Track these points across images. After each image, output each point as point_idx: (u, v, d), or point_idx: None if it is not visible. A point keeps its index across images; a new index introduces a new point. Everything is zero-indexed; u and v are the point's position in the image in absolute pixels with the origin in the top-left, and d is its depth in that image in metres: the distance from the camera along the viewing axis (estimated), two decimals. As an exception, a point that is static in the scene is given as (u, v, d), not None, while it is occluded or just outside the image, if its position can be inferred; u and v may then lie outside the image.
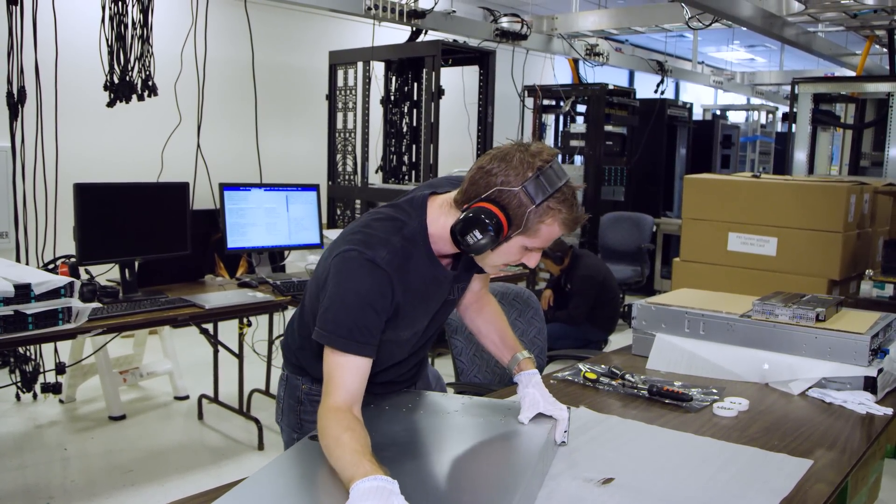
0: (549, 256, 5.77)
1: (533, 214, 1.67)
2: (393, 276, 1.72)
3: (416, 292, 1.81)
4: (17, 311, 2.80)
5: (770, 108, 12.98)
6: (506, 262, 1.79)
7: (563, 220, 1.70)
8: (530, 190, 1.66)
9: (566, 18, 7.97)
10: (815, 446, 1.99)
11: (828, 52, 8.27)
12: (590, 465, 1.78)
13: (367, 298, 1.70)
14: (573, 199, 1.71)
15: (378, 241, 1.74)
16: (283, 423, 2.12)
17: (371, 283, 1.71)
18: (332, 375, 1.67)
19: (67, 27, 4.49)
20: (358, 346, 1.68)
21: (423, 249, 1.80)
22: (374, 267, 1.71)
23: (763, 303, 2.65)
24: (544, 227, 1.70)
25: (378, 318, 1.72)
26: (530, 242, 1.72)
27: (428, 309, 1.90)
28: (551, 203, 1.68)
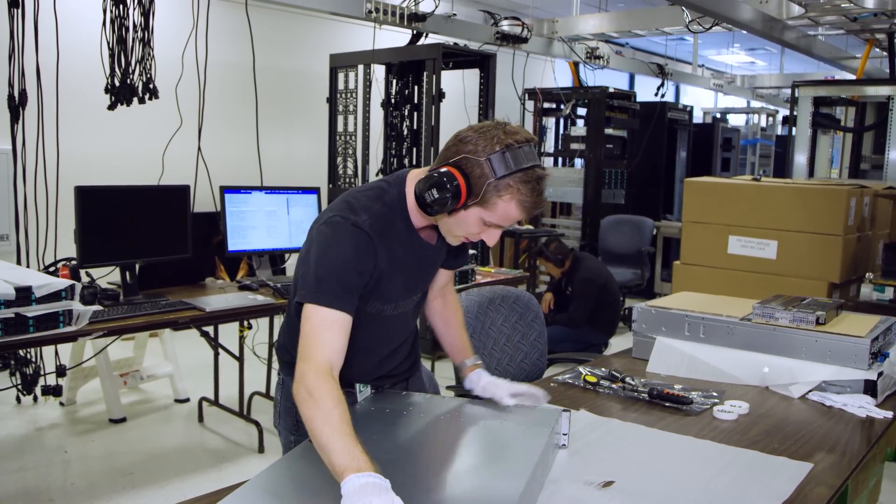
0: (551, 259, 5.78)
1: (492, 187, 1.71)
2: (375, 238, 1.77)
3: (397, 260, 1.85)
4: (18, 313, 2.80)
5: (770, 112, 12.99)
6: (465, 234, 1.82)
7: (520, 200, 1.73)
8: (494, 162, 1.71)
9: (566, 22, 7.98)
10: (815, 449, 1.99)
11: (828, 56, 8.28)
12: (590, 469, 1.78)
13: (349, 258, 1.74)
14: (536, 183, 1.73)
15: (360, 207, 1.80)
16: (281, 426, 2.13)
17: (353, 243, 1.75)
18: (314, 333, 1.68)
19: (68, 30, 4.49)
20: (339, 301, 1.70)
21: (400, 216, 1.86)
22: (357, 230, 1.75)
23: (763, 306, 2.65)
24: (501, 203, 1.73)
25: (359, 279, 1.76)
26: (488, 216, 1.75)
27: (408, 281, 1.94)
28: (511, 180, 1.71)
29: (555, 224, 8.44)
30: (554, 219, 8.57)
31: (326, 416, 1.51)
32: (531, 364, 3.06)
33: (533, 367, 3.06)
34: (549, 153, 8.56)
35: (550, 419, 1.85)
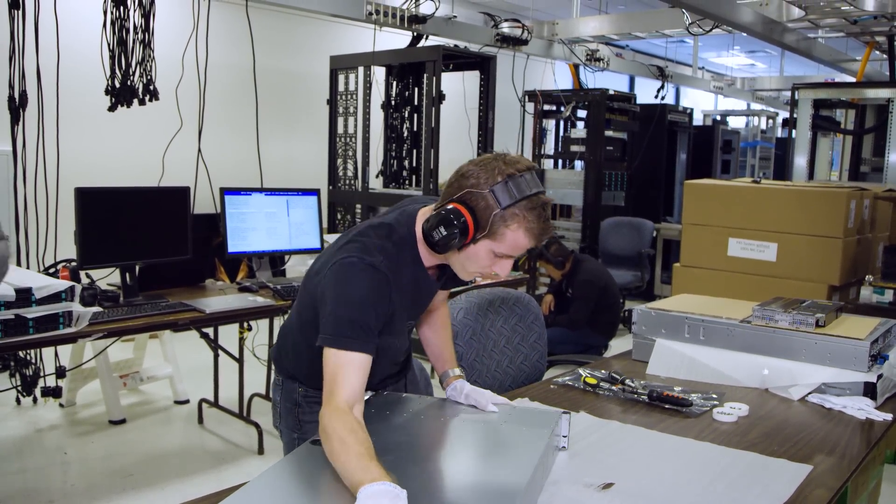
0: (551, 261, 5.78)
1: (498, 218, 1.73)
2: (392, 280, 1.80)
3: (406, 294, 1.89)
4: (18, 314, 2.81)
5: (770, 114, 12.99)
6: (478, 269, 1.84)
7: (528, 227, 1.75)
8: (497, 193, 1.73)
9: (567, 24, 7.98)
10: (814, 452, 1.99)
11: (828, 58, 8.29)
12: (590, 471, 1.78)
13: (369, 299, 1.76)
14: (542, 210, 1.76)
15: (374, 247, 1.81)
16: (282, 426, 2.15)
17: (371, 285, 1.77)
18: (335, 375, 1.70)
19: (69, 31, 4.49)
20: (361, 343, 1.72)
21: (409, 254, 1.89)
22: (375, 271, 1.77)
23: (763, 308, 2.65)
24: (510, 233, 1.75)
25: (378, 319, 1.77)
26: (497, 248, 1.77)
27: (416, 310, 2.03)
28: (517, 209, 1.73)
29: (555, 226, 8.44)
30: (554, 221, 8.56)
31: (343, 445, 1.54)
32: (531, 366, 3.06)
33: (533, 369, 3.06)
34: (550, 155, 8.56)
35: (550, 421, 1.85)
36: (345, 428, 1.57)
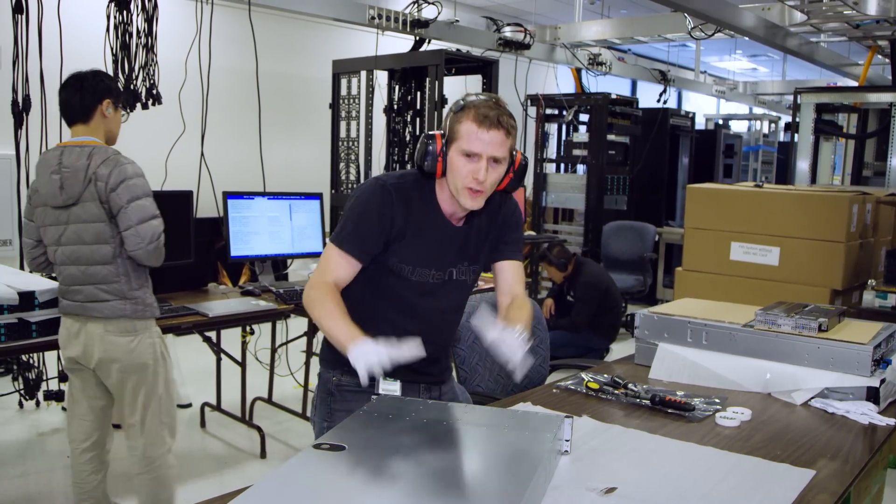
0: (554, 263, 5.79)
1: (454, 121, 2.04)
2: (395, 197, 2.09)
3: (419, 226, 2.12)
4: (22, 318, 2.82)
5: (772, 118, 12.99)
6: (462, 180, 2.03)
7: (472, 114, 2.00)
8: (454, 107, 2.08)
9: (569, 28, 8.00)
10: (817, 456, 1.99)
11: (830, 63, 8.29)
12: (592, 475, 1.78)
13: (367, 212, 2.10)
14: (491, 104, 2.02)
15: (393, 175, 2.18)
16: (316, 416, 2.30)
17: (374, 199, 2.10)
18: (326, 262, 2.13)
19: (72, 36, 4.50)
20: (350, 245, 2.10)
21: (427, 195, 2.14)
22: (382, 188, 2.11)
23: (765, 313, 2.65)
24: (462, 127, 2.02)
25: (374, 230, 2.09)
26: (459, 145, 2.02)
27: (429, 251, 2.15)
28: (466, 107, 2.03)
29: (557, 230, 8.44)
30: (556, 225, 8.58)
31: (327, 311, 2.02)
32: (533, 370, 3.05)
33: (535, 373, 3.06)
34: (552, 159, 8.57)
35: (553, 425, 1.85)
36: (329, 296, 2.04)
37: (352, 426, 1.82)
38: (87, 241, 2.80)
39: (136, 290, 2.87)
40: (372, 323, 2.10)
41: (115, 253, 2.80)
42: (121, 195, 2.75)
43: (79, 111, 2.88)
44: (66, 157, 2.82)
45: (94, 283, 2.81)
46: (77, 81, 2.92)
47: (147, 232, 2.77)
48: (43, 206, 2.86)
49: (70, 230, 2.81)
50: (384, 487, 1.52)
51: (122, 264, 2.82)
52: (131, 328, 2.87)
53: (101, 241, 2.79)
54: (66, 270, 2.84)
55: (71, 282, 2.83)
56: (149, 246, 2.79)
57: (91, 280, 2.81)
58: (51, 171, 2.82)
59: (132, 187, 2.77)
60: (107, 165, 2.77)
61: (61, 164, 2.81)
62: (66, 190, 2.78)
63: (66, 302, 2.87)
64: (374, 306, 2.18)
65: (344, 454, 1.64)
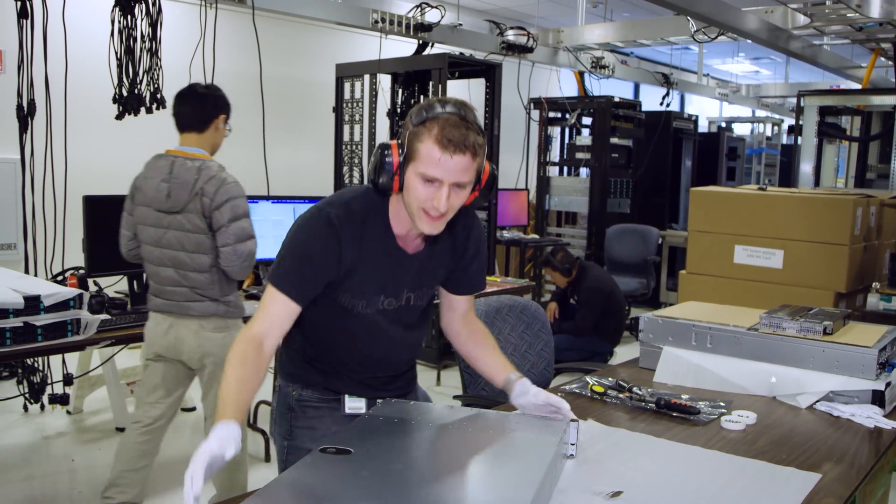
0: (558, 269, 5.78)
1: (413, 137, 1.79)
2: (343, 232, 1.87)
3: (371, 259, 1.92)
4: (27, 322, 2.82)
5: (775, 121, 12.98)
6: (419, 204, 1.81)
7: (435, 136, 1.75)
8: (413, 117, 1.81)
9: (572, 31, 8.00)
10: (823, 460, 1.99)
11: (833, 65, 8.28)
12: (598, 479, 1.79)
13: (309, 249, 1.87)
14: (456, 121, 1.76)
15: (337, 203, 1.92)
16: (276, 432, 2.16)
17: (316, 234, 1.88)
18: (261, 306, 1.87)
19: (77, 40, 4.52)
20: (289, 285, 1.86)
21: (379, 218, 1.93)
22: (327, 222, 1.87)
23: (770, 316, 2.65)
24: (422, 147, 1.78)
25: (314, 271, 1.88)
26: (417, 168, 1.79)
27: (384, 281, 1.97)
28: (427, 123, 1.77)
29: (560, 233, 8.44)
30: (559, 228, 8.58)
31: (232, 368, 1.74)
32: (538, 373, 3.06)
33: (540, 377, 3.07)
34: (555, 162, 8.57)
35: (559, 429, 1.85)
36: (237, 356, 1.77)
37: (358, 430, 1.82)
38: (188, 248, 3.03)
39: (228, 296, 3.14)
40: (332, 353, 2.04)
41: (212, 263, 3.05)
42: (224, 214, 2.98)
43: (196, 122, 3.14)
44: (176, 168, 3.05)
45: (190, 287, 3.06)
46: (199, 93, 3.21)
47: (244, 251, 3.03)
48: (146, 206, 3.09)
49: (171, 235, 3.05)
50: (390, 492, 1.52)
51: (216, 273, 3.07)
52: (223, 325, 3.13)
53: (201, 252, 3.03)
54: (163, 271, 3.08)
55: (168, 283, 3.08)
56: (243, 264, 3.06)
57: (187, 284, 3.05)
58: (161, 178, 3.05)
59: (235, 207, 3.01)
60: (213, 183, 3.00)
61: (171, 173, 3.05)
62: (173, 199, 3.01)
63: (159, 300, 3.12)
64: (332, 339, 2.03)
65: (350, 458, 1.64)
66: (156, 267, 3.10)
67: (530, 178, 8.54)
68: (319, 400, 2.07)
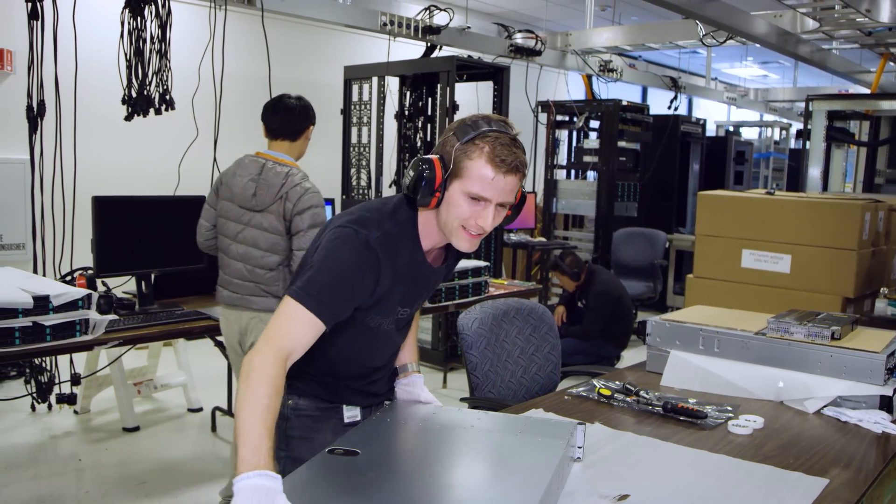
0: (567, 273, 5.79)
1: (460, 153, 1.74)
2: (382, 257, 1.79)
3: (400, 277, 1.87)
4: (36, 322, 2.83)
5: (783, 125, 12.96)
6: (460, 221, 1.79)
7: (488, 154, 1.73)
8: (459, 132, 1.76)
9: (580, 35, 8.00)
10: (830, 465, 1.98)
11: (842, 70, 8.27)
12: (605, 482, 1.79)
13: (348, 272, 1.76)
14: (503, 138, 1.75)
15: (372, 223, 1.82)
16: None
17: (357, 259, 1.77)
18: (286, 321, 1.70)
19: (87, 42, 4.53)
20: (321, 305, 1.71)
21: (409, 235, 1.88)
22: (366, 246, 1.77)
23: (778, 320, 2.65)
24: (472, 165, 1.74)
25: (351, 295, 1.78)
26: (466, 186, 1.75)
27: (407, 296, 1.95)
28: (477, 140, 1.74)
29: (567, 236, 8.44)
30: (566, 231, 8.58)
31: (256, 401, 1.53)
32: (545, 377, 3.06)
33: (547, 380, 3.07)
34: (562, 165, 8.57)
35: (566, 432, 1.85)
36: (271, 385, 1.57)
37: (365, 432, 1.83)
38: (262, 247, 3.19)
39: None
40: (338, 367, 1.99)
41: (280, 262, 3.21)
42: (304, 220, 3.15)
43: (290, 132, 3.38)
44: (266, 171, 3.25)
45: (255, 283, 3.21)
46: (292, 105, 3.43)
47: None
48: (230, 201, 3.27)
49: (248, 232, 3.22)
50: (397, 493, 1.53)
51: (282, 272, 3.21)
52: None
53: (274, 252, 3.19)
54: (234, 265, 3.26)
55: (236, 276, 3.26)
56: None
57: (254, 279, 3.22)
58: (249, 178, 3.24)
59: (315, 215, 3.18)
60: (298, 191, 3.18)
61: (261, 175, 3.25)
62: (258, 198, 3.19)
63: (226, 293, 3.30)
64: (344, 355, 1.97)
65: (357, 459, 1.65)
66: (228, 259, 3.29)
67: (538, 181, 8.54)
68: (317, 409, 2.02)
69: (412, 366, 2.18)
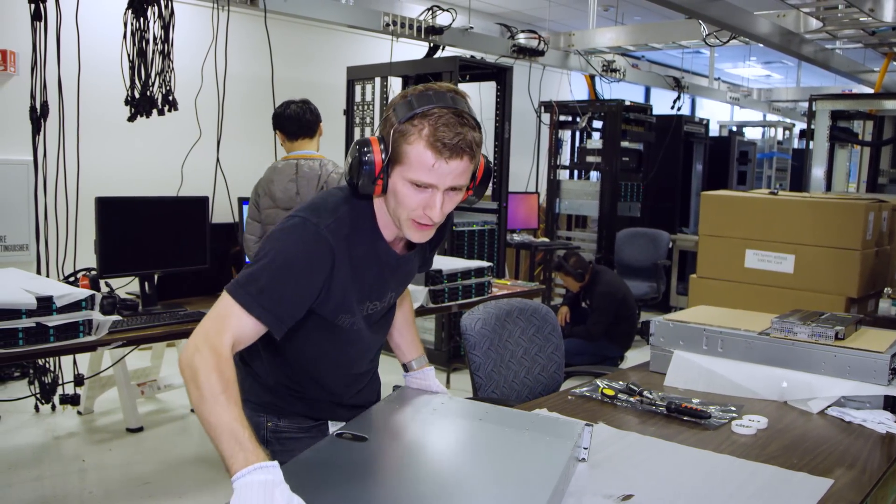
0: (571, 274, 5.78)
1: (398, 135, 1.55)
2: (336, 246, 1.63)
3: (363, 269, 1.71)
4: (39, 323, 2.83)
5: (787, 125, 12.94)
6: (408, 213, 1.62)
7: (426, 137, 1.53)
8: (398, 109, 1.57)
9: (583, 35, 7.99)
10: (834, 465, 1.98)
11: (846, 69, 8.26)
12: (609, 482, 1.78)
13: (295, 266, 1.59)
14: (451, 119, 1.55)
15: (325, 210, 1.66)
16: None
17: (306, 251, 1.60)
18: (225, 316, 1.53)
19: (90, 43, 4.54)
20: (262, 310, 1.54)
21: (368, 221, 1.72)
22: (317, 235, 1.61)
23: (782, 321, 2.64)
24: (411, 150, 1.55)
25: (298, 293, 1.60)
26: (406, 173, 1.57)
27: (373, 288, 1.77)
28: (416, 119, 1.55)
29: (570, 237, 8.44)
30: (569, 231, 8.57)
31: (216, 397, 1.40)
32: (548, 377, 3.06)
33: (550, 380, 3.06)
34: (565, 166, 8.56)
35: (573, 432, 1.85)
36: (224, 377, 1.42)
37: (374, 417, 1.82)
38: None
39: None
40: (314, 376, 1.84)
41: None
42: None
43: (306, 130, 3.72)
44: (301, 168, 3.54)
45: None
46: (300, 108, 3.77)
47: None
48: (274, 208, 3.48)
49: None
50: (403, 481, 1.52)
51: None
52: None
53: None
54: None
55: None
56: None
57: None
58: (288, 179, 3.46)
59: None
60: (335, 176, 3.49)
61: (297, 173, 3.54)
62: (302, 195, 3.40)
63: None
64: (314, 361, 1.83)
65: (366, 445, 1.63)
66: None
67: (541, 181, 8.54)
68: (299, 430, 1.87)
69: (423, 359, 2.12)
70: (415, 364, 2.11)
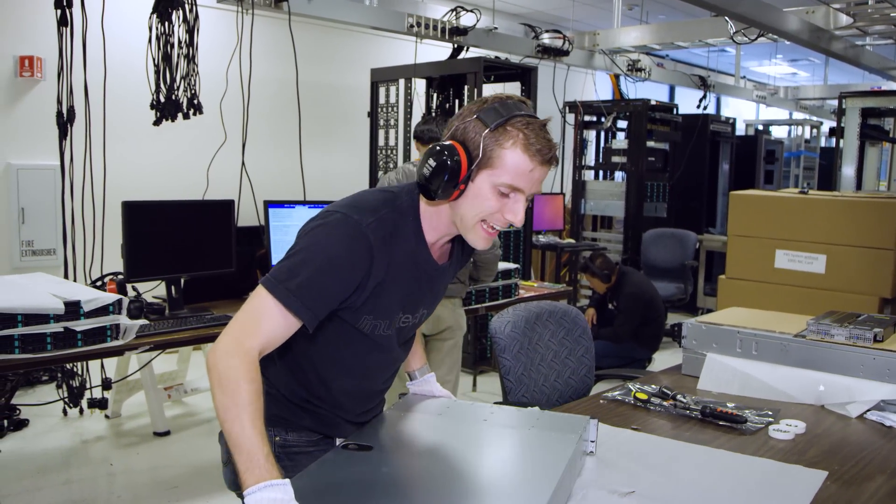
0: (597, 275, 5.74)
1: (490, 139, 1.56)
2: (375, 246, 1.59)
3: (400, 275, 1.67)
4: (67, 327, 2.83)
5: (814, 123, 12.79)
6: (484, 215, 1.61)
7: (525, 142, 1.55)
8: (484, 115, 1.57)
9: (607, 34, 7.93)
10: (876, 472, 1.92)
11: (876, 66, 8.14)
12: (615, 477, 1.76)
13: (335, 263, 1.56)
14: (540, 128, 1.58)
15: (367, 208, 1.62)
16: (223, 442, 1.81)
17: (346, 248, 1.56)
18: (258, 317, 1.52)
19: (115, 47, 4.55)
20: (300, 305, 1.52)
21: (411, 225, 1.68)
22: (357, 233, 1.57)
23: (818, 322, 2.59)
24: (506, 153, 1.55)
25: (336, 291, 1.58)
26: (497, 176, 1.57)
27: (407, 297, 1.73)
28: (509, 126, 1.56)
29: (596, 238, 8.38)
30: (595, 232, 8.51)
31: (241, 408, 1.40)
32: (578, 380, 3.02)
33: (580, 384, 3.02)
34: (590, 166, 8.51)
35: (578, 426, 1.82)
36: (252, 386, 1.42)
37: (379, 425, 1.81)
38: None
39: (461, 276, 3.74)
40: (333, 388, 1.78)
41: None
42: None
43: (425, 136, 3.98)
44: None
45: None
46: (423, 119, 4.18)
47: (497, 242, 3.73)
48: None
49: None
50: (409, 486, 1.51)
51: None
52: (461, 303, 3.88)
53: None
54: None
55: None
56: (496, 250, 3.82)
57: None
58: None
59: None
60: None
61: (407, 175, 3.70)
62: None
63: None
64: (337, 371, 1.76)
65: (370, 455, 1.62)
66: None
67: (566, 182, 8.48)
68: (308, 443, 1.81)
69: (426, 368, 2.11)
70: (418, 374, 2.11)
